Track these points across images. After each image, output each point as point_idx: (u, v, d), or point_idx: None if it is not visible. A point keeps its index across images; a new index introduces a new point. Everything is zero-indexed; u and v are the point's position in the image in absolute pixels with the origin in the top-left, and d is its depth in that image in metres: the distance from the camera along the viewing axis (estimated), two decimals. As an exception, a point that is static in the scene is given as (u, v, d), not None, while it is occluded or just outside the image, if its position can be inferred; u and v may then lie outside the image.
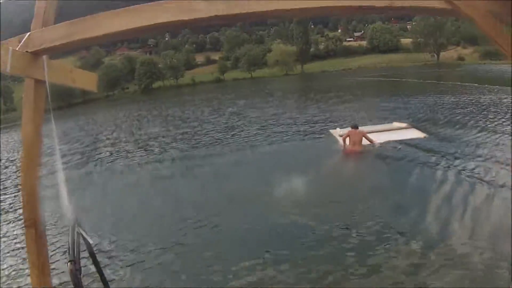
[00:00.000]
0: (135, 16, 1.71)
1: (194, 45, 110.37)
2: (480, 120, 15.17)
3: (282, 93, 41.36)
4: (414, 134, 11.62)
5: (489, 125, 14.13)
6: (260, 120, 21.29)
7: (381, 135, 11.65)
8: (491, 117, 15.64)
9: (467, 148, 11.24)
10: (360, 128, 11.58)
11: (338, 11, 1.87)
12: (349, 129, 11.54)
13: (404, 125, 12.93)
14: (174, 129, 22.19)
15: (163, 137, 19.50)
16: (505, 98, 20.96)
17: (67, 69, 2.32)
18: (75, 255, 1.63)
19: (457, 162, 9.95)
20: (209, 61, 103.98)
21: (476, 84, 30.13)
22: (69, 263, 1.50)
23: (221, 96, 46.16)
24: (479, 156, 10.33)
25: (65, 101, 63.31)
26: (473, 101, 21.23)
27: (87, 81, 2.55)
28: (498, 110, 17.37)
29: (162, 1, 1.70)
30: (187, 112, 32.03)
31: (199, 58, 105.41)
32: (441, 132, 13.69)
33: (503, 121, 14.53)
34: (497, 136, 12.38)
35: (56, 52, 2.04)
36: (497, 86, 27.13)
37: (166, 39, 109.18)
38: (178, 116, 29.98)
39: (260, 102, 32.17)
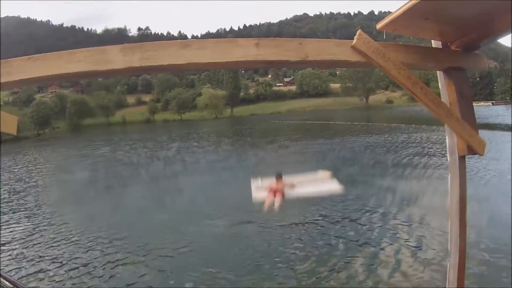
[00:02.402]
0: (50, 63, 1.68)
1: (126, 87, 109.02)
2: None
3: (216, 137, 41.31)
4: (333, 186, 11.61)
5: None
6: (196, 166, 21.16)
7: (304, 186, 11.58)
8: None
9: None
10: (284, 177, 11.49)
11: (252, 65, 1.95)
12: (273, 178, 11.32)
13: (327, 174, 13.00)
14: (105, 171, 21.31)
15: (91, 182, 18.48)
16: (435, 135, 23.52)
17: (-13, 110, 2.20)
18: None
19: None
20: (140, 102, 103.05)
21: (403, 125, 32.73)
22: None
23: (154, 137, 45.41)
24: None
25: (-4, 137, 59.03)
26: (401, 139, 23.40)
27: (7, 123, 2.43)
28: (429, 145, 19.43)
29: (77, 50, 1.68)
30: (119, 154, 31.07)
31: (130, 99, 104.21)
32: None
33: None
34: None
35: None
36: (423, 126, 29.81)
37: (99, 79, 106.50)
38: (111, 157, 28.94)
39: (195, 147, 32.06)
